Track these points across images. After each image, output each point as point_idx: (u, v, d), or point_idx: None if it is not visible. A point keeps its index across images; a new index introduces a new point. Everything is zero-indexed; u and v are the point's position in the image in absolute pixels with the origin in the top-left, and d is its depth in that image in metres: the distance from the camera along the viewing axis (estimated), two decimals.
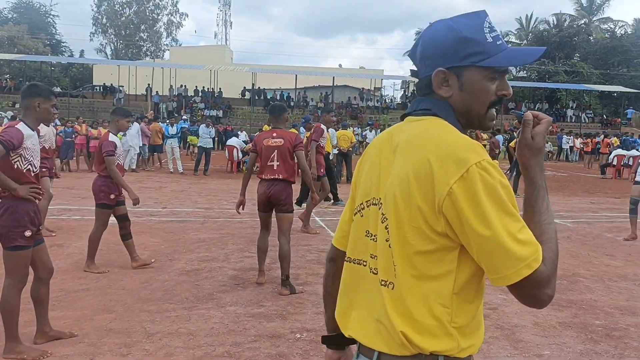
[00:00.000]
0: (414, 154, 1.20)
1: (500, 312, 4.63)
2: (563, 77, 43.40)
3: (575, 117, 40.76)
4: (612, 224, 9.27)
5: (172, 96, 37.45)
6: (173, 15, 60.14)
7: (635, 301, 5.05)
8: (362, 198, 1.36)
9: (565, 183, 17.46)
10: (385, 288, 1.23)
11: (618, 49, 45.59)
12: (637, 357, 3.75)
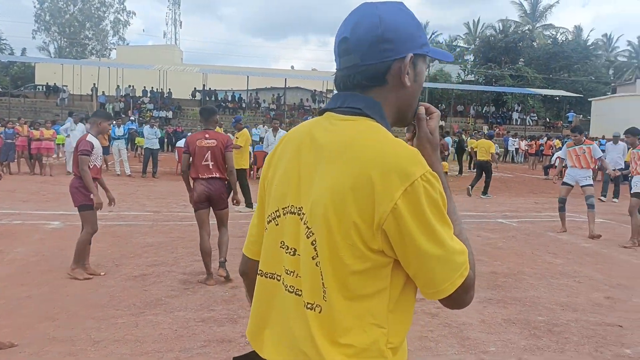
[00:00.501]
0: (351, 164, 1.06)
1: (448, 310, 4.71)
2: (509, 81, 44.88)
3: (520, 120, 42.23)
4: (554, 223, 9.63)
5: (119, 96, 36.49)
6: (120, 14, 58.65)
7: (575, 297, 5.26)
8: (278, 204, 1.18)
9: (510, 184, 18.04)
10: (312, 312, 1.09)
11: (560, 54, 47.57)
12: (577, 350, 3.90)
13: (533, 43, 51.32)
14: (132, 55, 46.82)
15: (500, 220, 9.96)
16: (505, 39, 48.32)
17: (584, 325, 4.43)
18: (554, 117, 45.12)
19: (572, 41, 51.22)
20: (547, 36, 54.10)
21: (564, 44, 49.85)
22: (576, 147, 9.07)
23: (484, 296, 5.18)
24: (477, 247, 7.48)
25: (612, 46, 60.06)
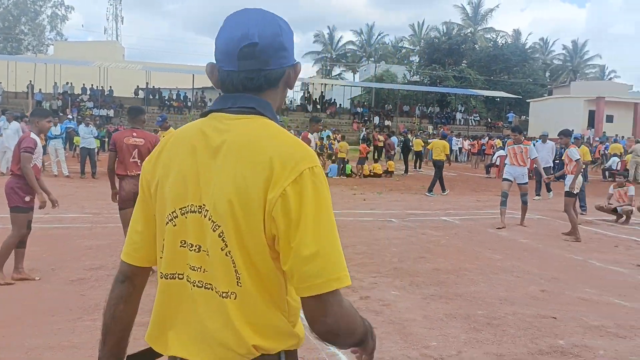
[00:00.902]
0: (252, 157, 1.14)
1: (392, 307, 4.79)
2: (452, 82, 46.12)
3: (463, 120, 43.45)
4: (494, 220, 9.94)
5: (57, 94, 35.10)
6: (57, 8, 56.48)
7: (512, 291, 5.45)
8: (174, 205, 1.21)
9: (454, 183, 18.51)
10: (228, 299, 1.15)
11: (500, 57, 49.29)
12: (514, 342, 4.04)
13: (475, 45, 52.96)
14: (71, 52, 45.14)
15: (443, 218, 10.20)
16: (448, 41, 49.65)
17: (521, 318, 4.59)
18: (495, 118, 46.69)
19: (511, 44, 53.18)
20: (488, 39, 55.98)
21: (503, 47, 51.71)
22: (515, 146, 9.63)
23: (427, 292, 5.28)
24: (421, 244, 7.64)
25: (548, 50, 62.75)
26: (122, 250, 1.35)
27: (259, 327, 1.16)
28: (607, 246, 8.09)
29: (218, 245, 1.15)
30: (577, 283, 5.88)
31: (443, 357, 3.73)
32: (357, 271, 5.97)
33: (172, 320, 1.23)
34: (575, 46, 61.89)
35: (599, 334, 4.28)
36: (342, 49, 64.90)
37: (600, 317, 4.72)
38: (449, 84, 45.73)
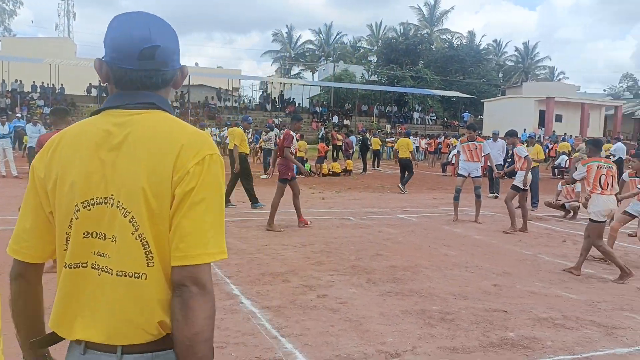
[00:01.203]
0: (162, 147, 1.24)
1: (349, 305, 4.83)
2: (410, 82, 46.78)
3: (420, 120, 44.15)
4: (450, 217, 10.17)
5: (5, 92, 33.80)
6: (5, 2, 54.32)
7: (466, 286, 5.58)
8: (77, 200, 1.27)
9: (411, 181, 18.77)
10: (139, 280, 1.23)
11: (455, 58, 50.33)
12: (466, 336, 4.14)
13: (431, 46, 53.89)
14: (20, 48, 43.40)
15: (400, 216, 10.35)
16: (406, 42, 50.36)
17: (473, 312, 4.72)
18: (451, 117, 47.67)
19: (466, 45, 54.39)
20: (444, 40, 57.08)
21: (459, 48, 52.82)
22: (469, 143, 9.98)
23: (384, 289, 5.35)
24: (379, 242, 7.73)
25: (501, 51, 64.46)
26: (9, 247, 1.37)
27: (166, 305, 1.24)
28: (555, 241, 8.39)
29: (128, 230, 1.23)
30: (527, 277, 6.08)
31: (398, 352, 3.80)
32: (315, 270, 6.00)
33: (77, 307, 1.28)
34: (527, 48, 63.82)
35: (547, 326, 4.44)
36: (301, 48, 64.91)
37: (549, 309, 4.90)
38: (406, 83, 46.38)
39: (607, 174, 6.16)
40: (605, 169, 6.19)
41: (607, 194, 6.13)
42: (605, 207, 6.08)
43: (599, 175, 6.16)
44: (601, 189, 6.12)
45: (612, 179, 6.19)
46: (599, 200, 6.10)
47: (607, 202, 6.11)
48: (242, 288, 5.21)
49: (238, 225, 8.69)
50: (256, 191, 11.28)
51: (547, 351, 3.91)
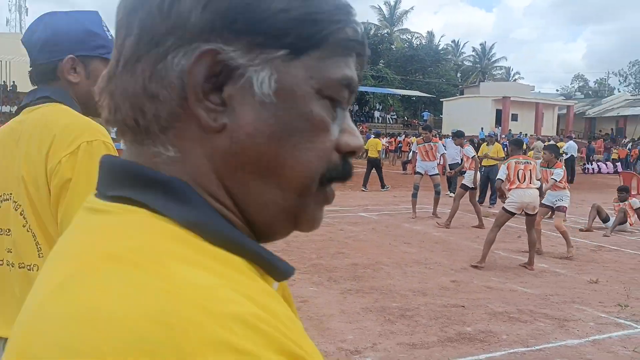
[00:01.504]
0: (39, 137, 1.26)
1: (310, 303, 4.84)
2: (370, 81, 47.17)
3: (381, 118, 44.63)
4: (409, 214, 10.32)
5: None
6: None
7: (425, 283, 5.67)
8: None
9: (373, 179, 18.93)
10: (32, 272, 1.26)
11: (415, 57, 51.06)
12: (425, 332, 4.21)
13: (392, 46, 54.48)
14: None
15: (362, 214, 10.43)
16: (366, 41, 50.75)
17: (432, 308, 4.80)
18: (411, 116, 48.37)
19: (425, 46, 55.25)
20: (404, 40, 57.80)
21: (418, 48, 53.62)
22: (425, 144, 10.27)
23: (345, 287, 5.38)
24: (340, 240, 7.76)
25: (460, 51, 65.79)
26: None
27: None
28: (511, 237, 8.60)
29: (20, 223, 1.27)
30: (484, 272, 6.22)
31: (358, 349, 3.82)
32: None
33: None
34: (484, 49, 65.33)
35: (503, 320, 4.56)
36: None
37: (504, 303, 5.02)
38: (367, 83, 46.74)
39: (525, 169, 6.45)
40: (523, 165, 6.50)
41: (523, 187, 6.35)
42: (519, 199, 6.29)
43: (517, 170, 6.44)
44: (518, 182, 6.36)
45: (529, 173, 6.43)
46: (515, 193, 6.36)
47: (523, 196, 6.30)
48: None
49: None
50: None
51: (502, 344, 4.01)
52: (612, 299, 5.28)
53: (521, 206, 6.36)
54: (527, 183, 6.39)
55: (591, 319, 4.66)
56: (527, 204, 6.35)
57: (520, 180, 6.37)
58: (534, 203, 6.38)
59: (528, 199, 6.32)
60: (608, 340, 4.17)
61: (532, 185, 6.41)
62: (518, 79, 66.46)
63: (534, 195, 6.41)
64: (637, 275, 6.31)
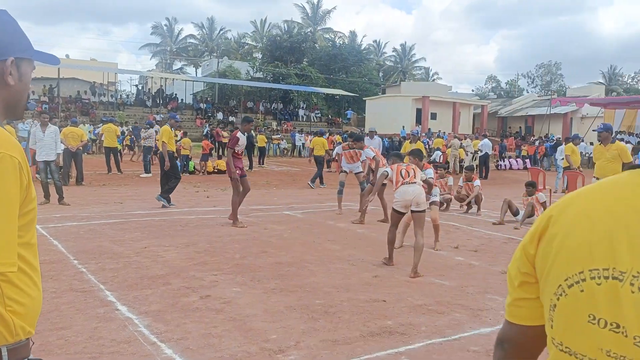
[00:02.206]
0: None
1: (233, 304, 4.77)
2: (294, 79, 47.25)
3: (306, 117, 44.79)
4: (333, 212, 10.44)
5: None
6: None
7: (349, 279, 5.75)
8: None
9: (298, 177, 19.01)
10: None
11: (338, 56, 51.68)
12: (348, 327, 4.26)
13: (315, 45, 54.84)
14: None
15: (286, 212, 10.43)
16: (290, 39, 50.74)
17: (355, 304, 4.87)
18: (335, 114, 48.91)
19: (348, 45, 56.08)
20: (327, 39, 58.39)
21: (341, 47, 54.32)
22: (350, 150, 10.79)
23: (268, 286, 5.35)
24: (264, 239, 7.72)
25: (381, 51, 67.38)
26: None
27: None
28: (429, 232, 8.87)
29: None
30: (404, 267, 6.39)
31: (282, 348, 3.81)
32: (198, 270, 5.84)
33: None
34: (404, 49, 67.28)
35: (422, 312, 4.70)
36: (183, 42, 63.04)
37: (423, 296, 5.19)
38: (291, 81, 46.80)
39: (407, 168, 6.54)
40: (406, 165, 6.63)
41: (406, 182, 6.39)
42: (402, 197, 6.34)
43: (399, 170, 6.52)
44: (402, 179, 6.43)
45: (413, 171, 6.51)
46: (398, 191, 6.40)
47: (405, 193, 6.33)
48: (118, 294, 4.93)
49: (114, 227, 8.22)
50: (138, 191, 10.77)
51: (421, 336, 4.14)
52: None
53: (406, 203, 6.36)
54: (410, 178, 6.42)
55: (502, 308, 4.86)
56: (410, 200, 6.32)
57: (403, 177, 6.43)
58: (417, 199, 6.31)
59: (411, 195, 6.30)
60: None
61: (415, 180, 6.43)
62: (437, 79, 68.98)
63: (417, 190, 6.35)
64: None
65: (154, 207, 10.34)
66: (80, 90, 39.05)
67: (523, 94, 61.66)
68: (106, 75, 41.83)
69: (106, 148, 17.75)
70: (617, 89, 62.63)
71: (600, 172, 8.48)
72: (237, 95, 45.66)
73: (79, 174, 14.08)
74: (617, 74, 70.11)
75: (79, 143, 14.02)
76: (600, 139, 8.72)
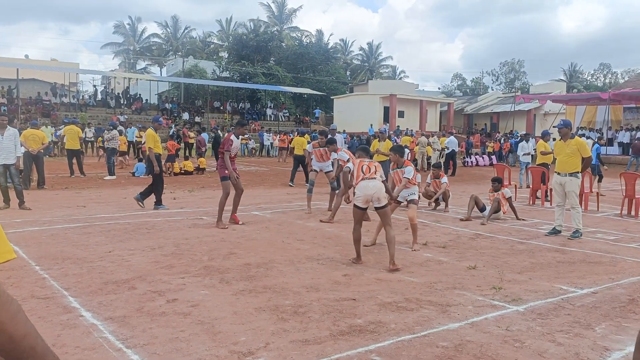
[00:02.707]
0: None
1: (201, 307, 4.69)
2: (262, 78, 47.03)
3: (273, 116, 44.64)
4: (303, 211, 10.41)
5: None
6: None
7: (318, 279, 5.73)
8: None
9: (266, 177, 18.91)
10: None
11: (305, 55, 51.66)
12: (318, 327, 4.24)
13: (282, 43, 54.69)
14: None
15: (255, 212, 10.35)
16: (256, 38, 50.49)
17: (325, 303, 4.85)
18: (303, 113, 48.91)
19: (315, 44, 56.10)
20: (294, 38, 58.27)
21: (308, 46, 54.32)
22: (321, 148, 10.77)
23: (237, 288, 5.29)
24: (232, 240, 7.64)
25: (348, 50, 67.63)
26: None
27: None
28: (398, 229, 8.96)
29: None
30: (374, 265, 6.42)
31: (251, 350, 3.76)
32: (165, 274, 5.74)
33: None
34: (371, 48, 67.70)
35: (391, 309, 4.72)
36: (147, 41, 61.99)
37: (393, 293, 5.21)
38: (258, 80, 46.58)
39: (369, 165, 6.57)
40: (367, 162, 6.63)
41: (366, 178, 6.42)
42: (362, 192, 6.39)
43: (361, 165, 6.56)
44: (362, 174, 6.47)
45: (374, 167, 6.55)
46: (359, 186, 6.44)
47: (365, 188, 6.37)
48: (82, 300, 4.80)
49: (78, 231, 8.01)
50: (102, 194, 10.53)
51: (391, 333, 4.15)
52: (488, 283, 5.68)
53: (366, 198, 6.38)
54: (370, 174, 6.42)
55: (470, 303, 4.98)
56: (370, 195, 6.33)
57: (364, 172, 6.44)
58: (377, 194, 6.33)
59: (371, 190, 6.32)
60: (484, 322, 4.47)
61: (375, 176, 6.44)
62: (403, 77, 69.69)
63: (377, 186, 6.36)
64: (510, 259, 6.86)
65: (119, 210, 10.13)
66: (41, 91, 37.98)
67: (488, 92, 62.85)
68: (67, 75, 40.84)
69: (68, 150, 17.30)
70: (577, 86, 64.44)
71: (561, 167, 8.68)
72: (204, 95, 45.15)
73: (40, 177, 13.69)
74: (578, 71, 72.16)
75: (39, 146, 13.64)
76: (560, 134, 8.93)
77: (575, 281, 5.83)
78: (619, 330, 4.35)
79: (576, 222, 8.46)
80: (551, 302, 5.04)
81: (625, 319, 4.62)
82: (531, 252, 7.37)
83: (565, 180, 8.59)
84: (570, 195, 8.53)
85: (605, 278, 5.99)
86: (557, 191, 8.79)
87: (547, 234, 8.68)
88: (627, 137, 29.94)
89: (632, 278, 6.03)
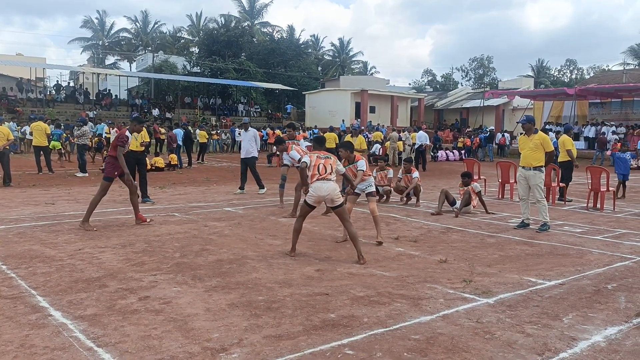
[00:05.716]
0: None
1: (174, 304, 4.66)
2: (233, 74, 46.64)
3: (245, 112, 44.34)
4: (275, 208, 10.40)
5: None
6: None
7: (291, 274, 5.75)
8: None
9: (238, 173, 18.76)
10: None
11: (277, 51, 51.42)
12: (291, 322, 4.26)
13: (253, 39, 54.34)
14: None
15: (227, 209, 10.30)
16: (227, 34, 50.02)
17: (297, 298, 4.87)
18: (275, 109, 48.73)
19: (286, 39, 55.88)
20: (265, 33, 57.96)
21: (280, 41, 54.07)
22: (290, 141, 10.59)
23: (210, 285, 5.27)
24: (204, 237, 7.59)
25: (319, 46, 67.57)
26: None
27: None
28: (370, 224, 9.01)
29: None
30: (346, 260, 6.46)
31: (224, 347, 3.76)
32: (136, 271, 5.68)
33: None
34: (342, 43, 67.81)
35: (364, 304, 4.77)
36: (116, 36, 60.81)
37: (365, 288, 5.26)
38: (229, 75, 46.18)
39: (325, 163, 6.59)
40: (324, 159, 6.63)
41: (321, 178, 6.46)
42: (316, 192, 6.43)
43: (317, 164, 6.56)
44: (318, 174, 6.51)
45: (330, 167, 6.58)
46: (313, 186, 6.48)
47: (319, 189, 6.41)
48: (51, 299, 4.72)
49: (46, 229, 7.86)
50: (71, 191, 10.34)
51: (363, 327, 4.19)
52: (459, 276, 5.78)
53: (319, 199, 6.45)
54: (326, 174, 6.47)
55: (441, 296, 5.06)
56: (324, 197, 6.40)
57: (320, 172, 6.49)
58: (331, 195, 6.40)
59: (325, 192, 6.38)
60: (455, 314, 4.55)
61: (330, 177, 6.50)
62: (374, 73, 69.99)
63: (331, 187, 6.42)
64: (479, 253, 6.99)
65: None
66: (6, 86, 36.91)
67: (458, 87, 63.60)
68: (34, 70, 39.85)
69: (35, 147, 16.90)
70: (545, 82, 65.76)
71: (525, 161, 8.88)
72: (174, 90, 44.59)
73: (5, 174, 13.35)
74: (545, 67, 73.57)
75: (4, 142, 13.30)
76: (523, 130, 9.14)
77: (543, 273, 5.99)
78: (585, 320, 4.49)
79: (543, 215, 8.67)
80: (520, 294, 5.17)
81: (591, 309, 4.77)
82: (500, 245, 7.53)
83: (529, 174, 8.80)
84: (535, 188, 8.74)
85: (572, 270, 6.17)
86: (521, 185, 8.99)
87: (516, 227, 8.87)
88: (593, 131, 30.68)
89: (597, 269, 6.22)
